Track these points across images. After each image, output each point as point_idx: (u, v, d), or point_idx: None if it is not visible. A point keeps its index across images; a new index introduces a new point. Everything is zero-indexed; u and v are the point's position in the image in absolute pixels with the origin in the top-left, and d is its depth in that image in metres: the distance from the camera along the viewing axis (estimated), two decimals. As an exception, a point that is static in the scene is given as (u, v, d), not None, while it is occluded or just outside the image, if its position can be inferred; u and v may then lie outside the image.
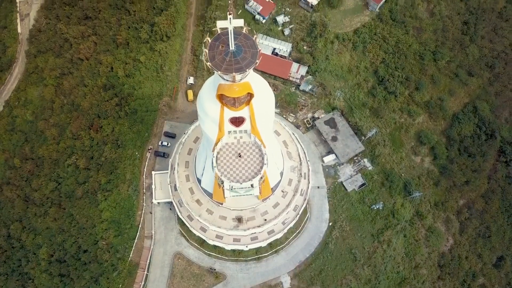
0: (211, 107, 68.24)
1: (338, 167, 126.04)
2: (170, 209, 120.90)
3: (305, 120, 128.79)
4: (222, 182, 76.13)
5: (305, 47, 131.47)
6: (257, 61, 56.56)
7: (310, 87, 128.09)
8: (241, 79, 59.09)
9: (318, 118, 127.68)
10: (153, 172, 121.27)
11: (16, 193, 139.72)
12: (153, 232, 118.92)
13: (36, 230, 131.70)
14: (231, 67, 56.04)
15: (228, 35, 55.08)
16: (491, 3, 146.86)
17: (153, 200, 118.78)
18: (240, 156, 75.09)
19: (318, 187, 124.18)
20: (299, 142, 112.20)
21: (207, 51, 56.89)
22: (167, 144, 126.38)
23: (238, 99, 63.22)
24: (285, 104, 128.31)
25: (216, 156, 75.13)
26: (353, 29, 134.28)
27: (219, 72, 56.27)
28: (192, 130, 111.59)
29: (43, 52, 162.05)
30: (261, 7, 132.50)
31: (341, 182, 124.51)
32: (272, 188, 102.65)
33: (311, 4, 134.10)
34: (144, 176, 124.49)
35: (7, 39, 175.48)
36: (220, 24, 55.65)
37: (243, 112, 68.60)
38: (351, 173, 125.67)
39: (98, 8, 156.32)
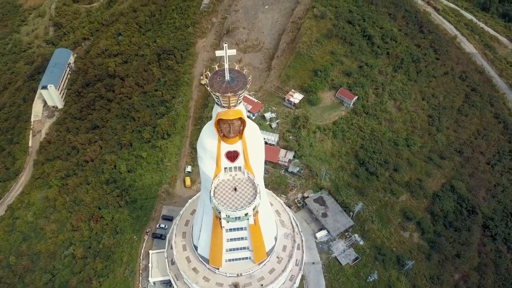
0: (210, 142, 79.50)
1: (330, 242, 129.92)
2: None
3: (295, 200, 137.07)
4: (219, 212, 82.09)
5: (290, 137, 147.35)
6: (247, 86, 70.75)
7: (297, 169, 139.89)
8: (235, 105, 72.11)
9: (308, 197, 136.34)
10: (150, 251, 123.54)
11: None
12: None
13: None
14: (227, 91, 69.66)
15: (224, 71, 70.24)
16: (449, 102, 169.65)
17: (150, 279, 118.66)
18: (235, 189, 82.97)
19: (313, 263, 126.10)
20: (290, 210, 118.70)
21: (207, 80, 71.48)
22: (165, 226, 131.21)
23: (233, 126, 74.84)
24: (276, 185, 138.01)
25: (214, 190, 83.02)
26: (332, 121, 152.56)
27: (217, 93, 69.53)
28: (190, 203, 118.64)
29: (50, 160, 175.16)
30: (251, 106, 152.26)
31: (335, 257, 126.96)
32: (267, 252, 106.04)
33: (294, 103, 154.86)
34: (141, 258, 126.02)
35: (17, 152, 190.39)
36: (218, 53, 71.14)
37: (237, 145, 79.59)
38: (343, 248, 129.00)
39: (106, 119, 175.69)
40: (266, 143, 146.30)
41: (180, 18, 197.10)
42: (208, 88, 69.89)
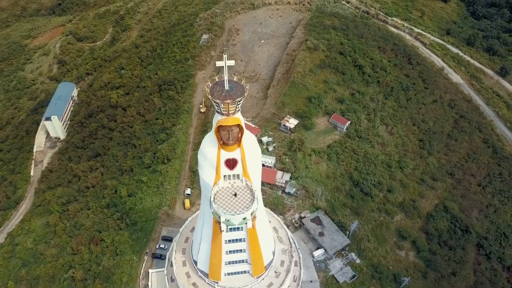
0: (210, 150, 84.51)
1: (328, 261, 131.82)
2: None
3: (293, 221, 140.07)
4: (219, 217, 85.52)
5: (287, 160, 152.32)
6: (245, 94, 76.88)
7: (294, 190, 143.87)
8: (233, 113, 77.86)
9: (305, 217, 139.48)
10: (149, 270, 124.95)
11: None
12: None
13: None
14: (226, 98, 75.71)
15: (224, 82, 76.92)
16: (439, 127, 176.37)
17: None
18: (235, 195, 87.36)
19: (311, 281, 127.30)
20: (288, 227, 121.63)
21: (208, 89, 77.82)
22: (164, 247, 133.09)
23: (232, 133, 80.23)
24: (274, 206, 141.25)
25: (214, 196, 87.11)
26: (327, 145, 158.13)
27: (218, 100, 75.50)
28: (190, 221, 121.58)
29: (52, 188, 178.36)
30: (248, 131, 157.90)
31: (333, 275, 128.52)
32: (265, 266, 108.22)
33: (289, 128, 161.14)
34: (140, 278, 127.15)
35: (18, 182, 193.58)
36: (218, 63, 77.73)
37: (235, 153, 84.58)
38: (341, 266, 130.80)
39: (107, 147, 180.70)
40: (263, 165, 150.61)
41: (180, 52, 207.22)
42: (209, 96, 76.03)
